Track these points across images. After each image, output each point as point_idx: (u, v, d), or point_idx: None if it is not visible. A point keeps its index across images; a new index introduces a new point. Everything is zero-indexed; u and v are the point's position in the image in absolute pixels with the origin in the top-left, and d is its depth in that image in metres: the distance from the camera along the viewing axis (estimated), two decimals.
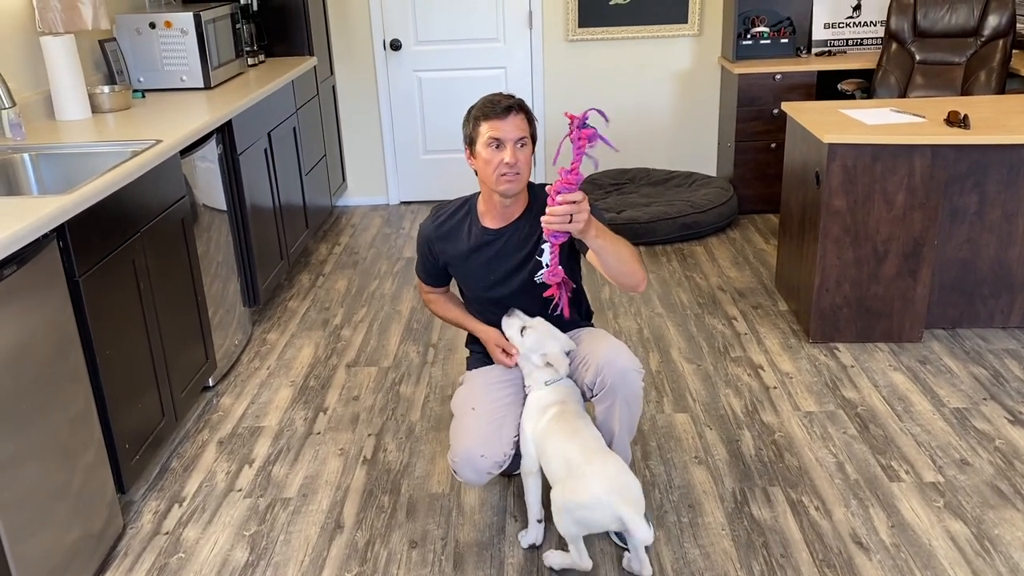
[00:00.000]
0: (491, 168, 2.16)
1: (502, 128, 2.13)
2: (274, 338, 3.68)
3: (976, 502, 2.47)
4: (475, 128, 2.18)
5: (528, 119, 2.18)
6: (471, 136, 2.20)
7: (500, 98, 2.16)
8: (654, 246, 4.53)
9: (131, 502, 2.63)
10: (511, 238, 2.28)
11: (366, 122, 5.33)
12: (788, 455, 2.72)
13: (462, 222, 2.34)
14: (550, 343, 2.27)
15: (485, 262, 2.31)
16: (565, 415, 2.18)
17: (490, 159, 2.15)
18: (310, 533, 2.46)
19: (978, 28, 4.22)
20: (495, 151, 2.14)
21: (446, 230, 2.35)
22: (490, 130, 2.14)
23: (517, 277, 2.31)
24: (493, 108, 2.14)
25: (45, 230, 2.10)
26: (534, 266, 2.29)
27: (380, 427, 2.98)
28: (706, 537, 2.38)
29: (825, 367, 3.24)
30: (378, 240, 4.82)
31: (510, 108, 2.14)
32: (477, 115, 2.17)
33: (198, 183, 3.12)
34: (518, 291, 2.32)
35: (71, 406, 2.21)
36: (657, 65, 5.15)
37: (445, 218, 2.36)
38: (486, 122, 2.14)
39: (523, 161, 2.16)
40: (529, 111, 2.20)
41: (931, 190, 3.18)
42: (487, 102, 2.16)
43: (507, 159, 2.13)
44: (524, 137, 2.15)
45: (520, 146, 2.15)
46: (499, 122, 2.13)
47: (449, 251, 2.36)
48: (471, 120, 2.20)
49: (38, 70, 3.29)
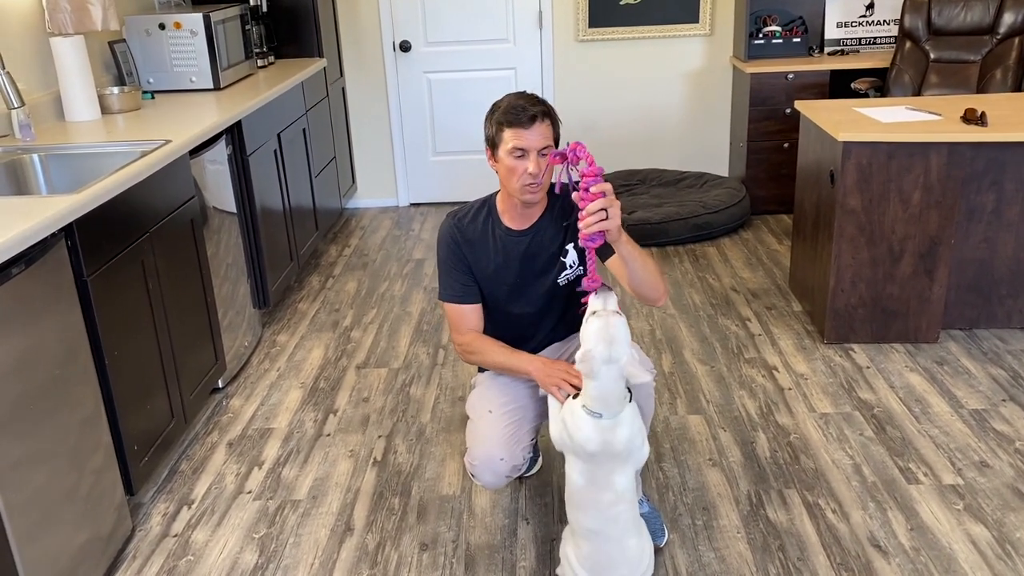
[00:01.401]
0: (514, 177, 2.11)
1: (527, 138, 2.07)
2: (284, 340, 3.66)
3: (997, 505, 2.42)
4: (498, 133, 2.11)
5: (553, 123, 2.12)
6: (494, 140, 2.13)
7: (526, 103, 2.08)
8: (666, 247, 4.50)
9: (140, 504, 2.61)
10: (535, 238, 2.24)
11: (376, 124, 5.31)
12: (804, 457, 2.68)
13: (485, 223, 2.27)
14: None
15: (512, 263, 2.26)
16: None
17: (514, 167, 2.10)
18: (320, 536, 2.44)
19: (994, 25, 4.17)
20: (518, 160, 2.09)
21: (470, 234, 2.26)
22: (514, 139, 2.07)
23: (546, 278, 2.27)
24: (518, 116, 2.07)
25: (53, 229, 2.09)
26: (559, 268, 2.26)
27: (390, 429, 2.95)
28: (721, 540, 2.34)
29: (840, 368, 3.20)
30: (388, 242, 4.80)
31: (535, 117, 2.06)
32: (501, 120, 2.10)
33: (207, 184, 3.11)
34: (544, 293, 2.29)
35: (80, 407, 2.19)
36: (668, 65, 5.12)
37: (468, 221, 2.27)
38: (510, 129, 2.08)
39: (544, 167, 2.11)
40: (554, 115, 2.13)
41: (947, 188, 3.13)
42: (512, 107, 2.08)
43: (531, 169, 2.08)
44: (548, 146, 2.09)
45: (543, 154, 2.10)
46: (524, 131, 2.06)
47: (475, 254, 2.27)
48: (494, 124, 2.12)
49: (48, 71, 3.29)
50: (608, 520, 1.96)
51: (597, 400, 1.89)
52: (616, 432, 1.89)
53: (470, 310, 2.29)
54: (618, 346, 1.86)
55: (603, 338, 1.86)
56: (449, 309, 2.31)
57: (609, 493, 1.93)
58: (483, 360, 2.30)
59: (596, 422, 1.89)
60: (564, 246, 2.25)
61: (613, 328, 1.87)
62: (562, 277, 2.27)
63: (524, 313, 2.32)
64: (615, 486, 1.93)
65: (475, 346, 2.28)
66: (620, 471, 1.93)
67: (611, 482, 1.93)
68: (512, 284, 2.27)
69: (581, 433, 1.91)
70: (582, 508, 1.98)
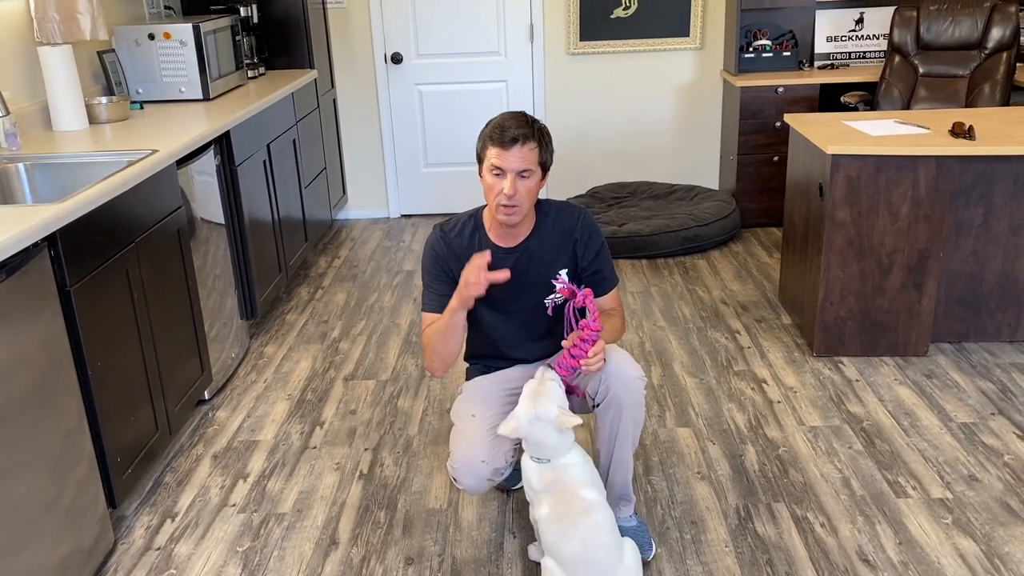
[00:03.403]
0: (492, 194, 2.12)
1: (506, 159, 2.07)
2: (271, 351, 3.63)
3: (985, 519, 2.41)
4: (484, 149, 2.12)
5: (541, 146, 2.10)
6: (480, 155, 2.15)
7: (512, 124, 2.07)
8: (656, 259, 4.49)
9: (123, 517, 2.58)
10: (522, 258, 2.24)
11: (367, 135, 5.31)
12: (793, 470, 2.67)
13: (471, 236, 2.26)
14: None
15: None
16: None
17: (492, 186, 2.11)
18: (304, 549, 2.41)
19: (982, 41, 4.19)
20: (496, 179, 2.10)
21: (456, 246, 2.25)
22: (495, 157, 2.08)
23: (531, 298, 2.28)
24: (501, 136, 2.07)
25: (36, 238, 2.07)
26: (547, 290, 2.27)
27: (377, 441, 2.93)
28: (709, 554, 2.32)
29: (830, 381, 3.19)
30: (378, 253, 4.79)
31: (516, 140, 2.06)
32: (487, 136, 2.11)
33: (195, 194, 3.09)
34: (529, 310, 2.29)
35: (62, 419, 2.17)
36: (659, 78, 5.13)
37: (455, 234, 2.26)
38: (493, 147, 2.08)
39: (523, 192, 2.10)
40: (543, 139, 2.11)
41: (936, 202, 3.14)
42: (498, 126, 2.09)
43: (506, 190, 2.08)
44: (528, 169, 2.09)
45: (523, 177, 2.09)
46: (504, 152, 2.07)
47: (460, 266, 2.23)
48: (482, 139, 2.13)
49: (35, 81, 3.27)
50: (589, 532, 1.98)
51: (534, 448, 2.05)
52: (569, 471, 2.04)
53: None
54: (544, 404, 2.01)
55: (530, 395, 2.03)
56: (426, 318, 2.29)
57: (578, 502, 2.01)
58: (433, 344, 2.21)
59: (540, 467, 2.05)
60: (558, 270, 2.26)
61: (544, 387, 2.04)
62: (548, 299, 2.28)
63: (507, 325, 2.31)
64: (584, 497, 2.02)
65: (424, 340, 2.25)
66: (585, 490, 2.04)
67: (578, 495, 2.02)
68: (496, 299, 2.26)
69: (528, 475, 2.08)
70: (561, 534, 1.99)
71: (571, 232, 2.25)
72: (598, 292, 2.29)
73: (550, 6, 5.01)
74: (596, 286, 2.29)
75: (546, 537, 2.03)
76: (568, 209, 2.28)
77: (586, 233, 2.26)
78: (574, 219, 2.26)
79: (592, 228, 2.27)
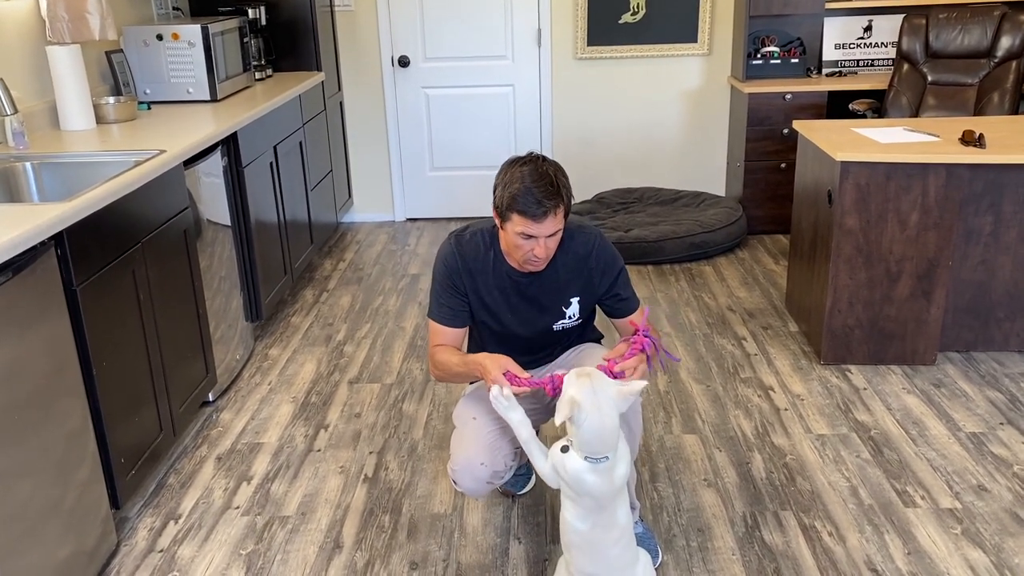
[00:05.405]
0: (519, 252, 2.08)
1: (537, 228, 2.02)
2: (276, 353, 3.62)
3: (995, 529, 2.39)
4: (508, 211, 2.03)
5: (566, 206, 2.05)
6: (503, 212, 2.06)
7: (540, 195, 1.98)
8: (662, 265, 4.48)
9: (126, 518, 2.57)
10: (537, 281, 2.21)
11: (373, 138, 5.30)
12: (800, 478, 2.65)
13: (487, 255, 2.21)
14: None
15: (510, 300, 2.23)
16: None
17: (520, 245, 2.07)
18: (308, 553, 2.40)
19: (991, 49, 4.18)
20: (525, 240, 2.05)
21: (472, 263, 2.21)
22: (524, 226, 2.02)
23: (543, 321, 2.26)
24: (530, 208, 1.98)
25: (43, 237, 2.06)
26: (558, 315, 2.25)
27: (382, 445, 2.92)
28: (716, 562, 2.30)
29: (837, 389, 3.17)
30: (383, 256, 4.78)
31: (547, 212, 2.00)
32: (511, 203, 2.00)
33: (202, 195, 3.09)
34: (539, 331, 2.28)
35: (66, 419, 2.16)
36: (666, 84, 5.12)
37: (471, 249, 2.21)
38: (521, 217, 2.01)
39: (552, 247, 2.08)
40: (567, 196, 2.06)
41: (945, 210, 3.12)
42: (526, 194, 1.98)
43: (539, 254, 2.06)
44: (557, 231, 2.05)
45: (551, 237, 2.06)
46: (534, 223, 2.01)
47: (474, 282, 2.22)
48: (506, 201, 2.02)
49: (44, 80, 3.27)
50: (613, 558, 1.93)
51: (593, 443, 1.81)
52: (616, 470, 1.88)
53: (452, 333, 2.25)
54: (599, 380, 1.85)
55: (578, 376, 1.85)
56: (433, 326, 2.27)
57: (615, 531, 1.91)
58: (445, 374, 2.22)
59: (596, 467, 1.83)
60: (570, 297, 2.24)
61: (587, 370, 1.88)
62: (558, 324, 2.27)
63: (515, 342, 2.30)
64: (619, 521, 1.92)
65: (437, 359, 2.23)
66: (621, 505, 1.92)
67: (615, 520, 1.91)
68: (507, 318, 2.25)
69: (584, 484, 1.85)
70: (584, 551, 1.93)
71: (586, 259, 2.21)
72: (621, 314, 2.27)
73: (558, 11, 5.00)
74: (618, 309, 2.27)
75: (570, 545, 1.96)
76: (582, 233, 2.22)
77: (602, 262, 2.21)
78: (589, 245, 2.21)
79: (608, 255, 2.22)
